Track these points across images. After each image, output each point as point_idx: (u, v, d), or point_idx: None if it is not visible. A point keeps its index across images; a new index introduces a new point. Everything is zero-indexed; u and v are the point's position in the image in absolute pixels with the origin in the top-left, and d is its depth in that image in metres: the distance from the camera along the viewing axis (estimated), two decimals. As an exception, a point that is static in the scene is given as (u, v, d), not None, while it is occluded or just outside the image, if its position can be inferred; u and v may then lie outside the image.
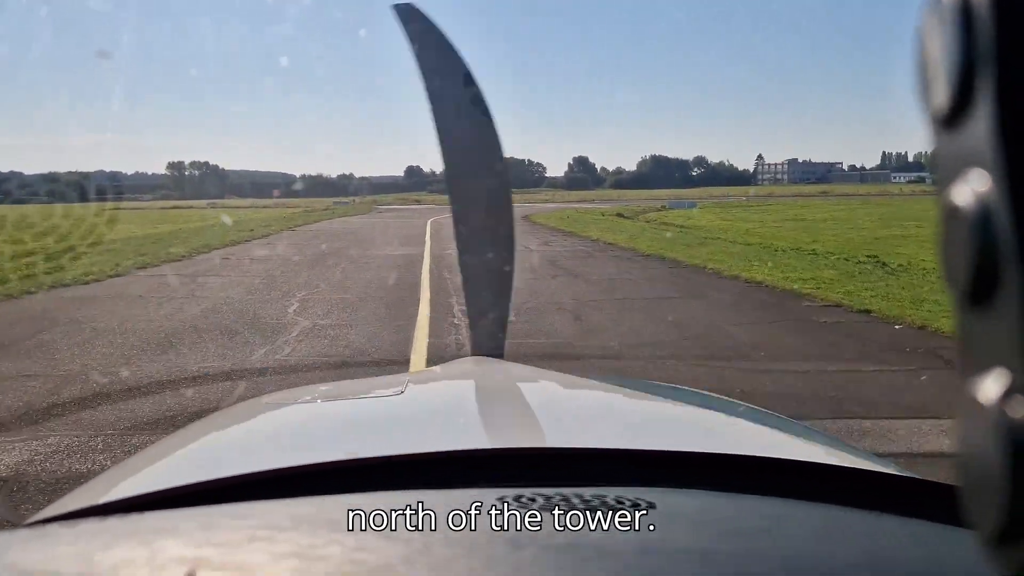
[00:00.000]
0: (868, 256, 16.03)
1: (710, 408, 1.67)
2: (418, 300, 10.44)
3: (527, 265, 15.50)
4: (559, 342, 7.78)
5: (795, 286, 11.64)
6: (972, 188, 0.27)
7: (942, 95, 0.28)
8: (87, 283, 12.33)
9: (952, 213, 0.28)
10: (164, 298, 10.80)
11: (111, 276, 13.19)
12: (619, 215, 41.82)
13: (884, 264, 14.47)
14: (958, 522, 0.23)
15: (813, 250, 18.10)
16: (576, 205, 59.92)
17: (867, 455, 1.35)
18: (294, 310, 9.70)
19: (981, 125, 0.26)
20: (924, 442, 4.69)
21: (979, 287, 0.27)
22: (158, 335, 8.03)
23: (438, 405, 1.58)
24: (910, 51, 0.31)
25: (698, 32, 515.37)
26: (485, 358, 2.18)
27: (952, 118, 0.28)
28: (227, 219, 35.18)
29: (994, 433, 0.26)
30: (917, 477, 1.03)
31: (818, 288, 11.29)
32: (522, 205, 65.22)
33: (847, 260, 15.66)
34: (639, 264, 15.73)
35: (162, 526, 0.69)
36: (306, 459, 0.97)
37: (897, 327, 8.33)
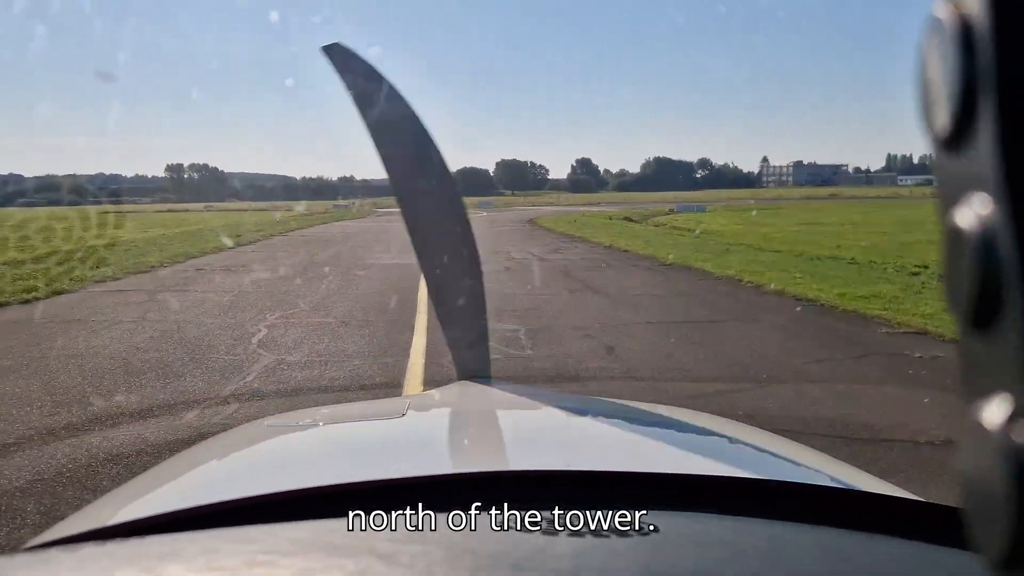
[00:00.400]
0: (918, 266, 14.23)
1: (712, 430, 1.65)
2: (412, 326, 8.62)
3: (538, 277, 13.74)
4: (594, 388, 5.99)
5: (856, 305, 9.85)
6: (975, 211, 0.27)
7: (943, 117, 0.28)
8: (26, 302, 10.56)
9: (955, 236, 0.28)
10: (107, 322, 8.99)
11: (58, 293, 11.40)
12: (627, 219, 40.11)
13: (943, 276, 12.65)
14: (963, 545, 0.26)
15: (852, 258, 16.31)
16: (582, 208, 58.18)
17: (871, 478, 1.29)
18: (259, 339, 7.91)
19: (983, 148, 0.26)
20: None
21: (982, 310, 0.27)
22: (76, 378, 6.26)
23: (439, 428, 1.58)
24: (914, 54, 0.30)
25: (702, 33, 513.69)
26: (486, 380, 2.17)
27: (954, 140, 0.28)
28: (218, 223, 33.44)
29: (998, 457, 0.26)
30: (922, 500, 1.00)
31: (886, 309, 9.50)
32: (526, 208, 63.28)
33: (898, 271, 13.87)
34: (665, 275, 13.85)
35: (163, 550, 0.69)
36: (307, 482, 0.96)
37: (1017, 365, 6.52)
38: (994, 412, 0.26)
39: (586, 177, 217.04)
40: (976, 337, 0.27)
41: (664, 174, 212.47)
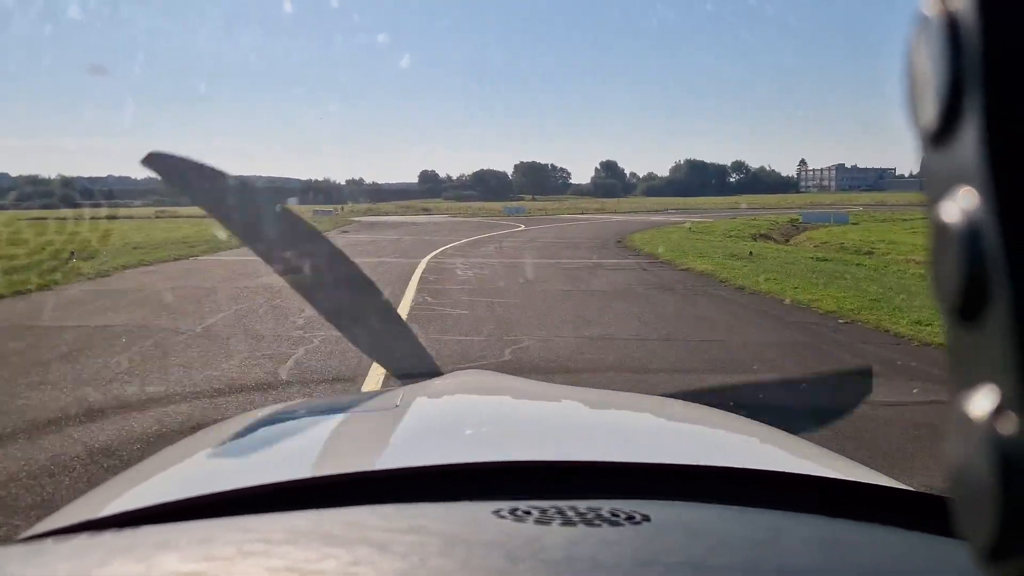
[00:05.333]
0: None
1: (705, 420, 1.65)
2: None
3: None
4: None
5: None
6: (961, 205, 0.27)
7: (930, 112, 0.28)
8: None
9: (941, 230, 0.28)
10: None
11: None
12: (765, 236, 25.38)
13: None
14: (953, 535, 0.28)
15: None
16: (655, 219, 42.96)
17: (863, 468, 1.29)
18: None
19: (969, 142, 0.27)
20: None
21: (968, 303, 0.27)
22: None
23: (433, 418, 1.57)
24: (902, 50, 0.31)
25: (734, 30, 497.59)
26: (480, 371, 2.31)
27: (940, 135, 0.28)
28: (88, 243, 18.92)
29: (984, 448, 0.26)
30: (913, 489, 1.01)
31: None
32: (575, 220, 47.35)
33: None
34: None
35: (158, 540, 0.69)
36: (302, 473, 0.96)
37: None
38: (980, 403, 0.27)
39: (611, 181, 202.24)
40: (963, 330, 0.28)
41: (696, 178, 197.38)
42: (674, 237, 22.99)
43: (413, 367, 2.09)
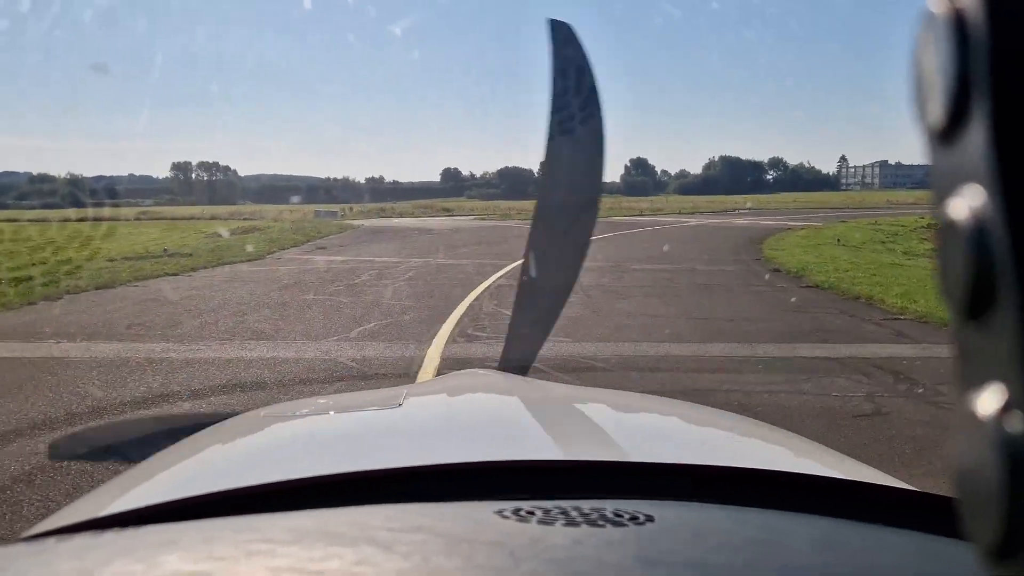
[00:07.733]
0: None
1: (709, 421, 1.65)
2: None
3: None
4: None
5: None
6: (968, 203, 0.27)
7: (937, 110, 0.28)
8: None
9: (949, 228, 0.28)
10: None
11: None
12: None
13: None
14: (958, 536, 0.28)
15: None
16: (735, 221, 34.73)
17: (867, 468, 1.29)
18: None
19: (976, 140, 0.27)
20: None
21: (976, 301, 0.27)
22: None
23: (437, 417, 1.56)
24: (910, 47, 0.31)
25: (767, 19, 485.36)
26: (484, 370, 2.14)
27: (947, 133, 0.28)
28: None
29: (991, 447, 0.26)
30: (917, 490, 1.01)
31: None
32: (639, 221, 38.18)
33: None
34: None
35: (161, 540, 0.69)
36: (305, 472, 0.97)
37: None
38: (987, 402, 0.27)
39: (642, 178, 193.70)
40: (970, 328, 0.28)
41: (731, 175, 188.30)
42: (861, 261, 14.80)
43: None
